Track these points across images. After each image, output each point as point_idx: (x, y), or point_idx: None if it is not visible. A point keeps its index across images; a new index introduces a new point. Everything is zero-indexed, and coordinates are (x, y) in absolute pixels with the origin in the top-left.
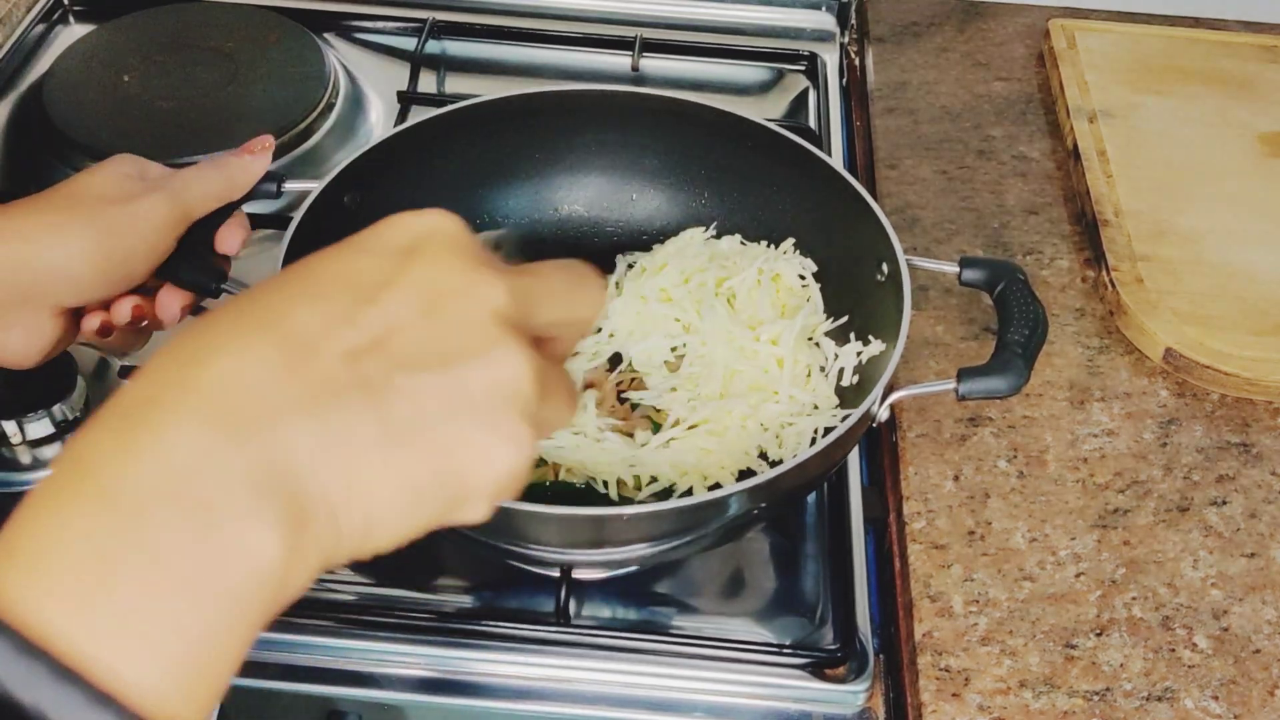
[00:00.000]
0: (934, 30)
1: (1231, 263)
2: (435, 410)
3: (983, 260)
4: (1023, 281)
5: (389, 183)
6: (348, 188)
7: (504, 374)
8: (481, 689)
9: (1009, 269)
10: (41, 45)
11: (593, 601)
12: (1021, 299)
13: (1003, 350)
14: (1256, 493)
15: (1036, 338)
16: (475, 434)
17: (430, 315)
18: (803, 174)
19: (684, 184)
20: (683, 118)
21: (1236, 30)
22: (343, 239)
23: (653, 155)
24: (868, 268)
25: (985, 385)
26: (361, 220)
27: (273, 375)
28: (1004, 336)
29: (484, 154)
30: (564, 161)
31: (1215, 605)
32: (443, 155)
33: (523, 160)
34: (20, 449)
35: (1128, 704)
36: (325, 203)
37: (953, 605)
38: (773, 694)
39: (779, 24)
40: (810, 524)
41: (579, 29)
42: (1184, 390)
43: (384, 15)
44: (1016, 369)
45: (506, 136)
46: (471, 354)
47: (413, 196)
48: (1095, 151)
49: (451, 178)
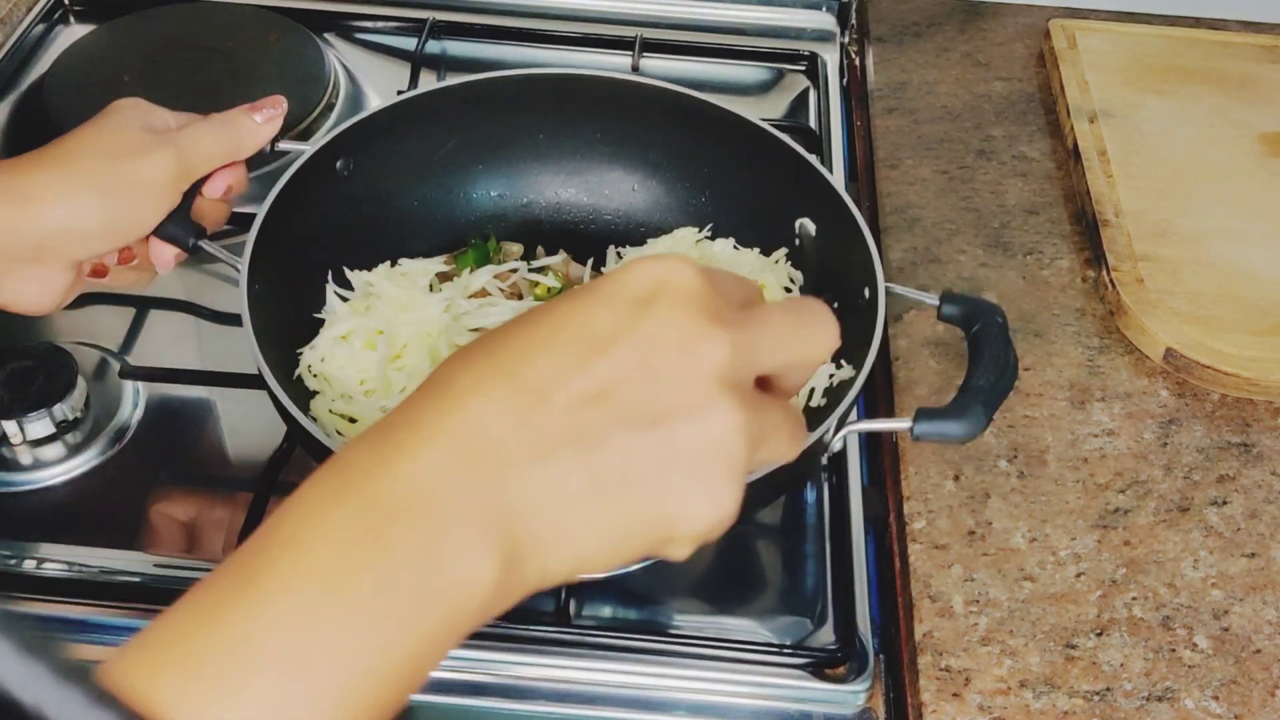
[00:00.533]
0: (934, 30)
1: (1232, 263)
2: (644, 465)
3: (963, 297)
4: (1000, 325)
5: (385, 151)
6: (342, 152)
7: (713, 434)
8: (481, 689)
9: (988, 310)
10: (42, 45)
11: (593, 601)
12: (995, 343)
13: (964, 394)
14: (1257, 493)
15: (1002, 385)
16: (680, 490)
17: (650, 372)
18: (802, 186)
19: (685, 181)
20: (690, 115)
21: (1237, 30)
22: (329, 204)
23: (658, 149)
24: (853, 289)
25: (940, 429)
26: (352, 187)
27: (508, 423)
28: (969, 380)
29: (487, 131)
30: (566, 145)
31: (1216, 605)
32: (444, 128)
33: (525, 140)
34: (20, 449)
35: (1128, 704)
36: (318, 166)
37: (953, 605)
38: (773, 694)
39: (779, 24)
40: (810, 524)
41: (579, 29)
42: (1184, 390)
43: (384, 15)
44: (975, 416)
45: (510, 115)
46: (685, 413)
47: (408, 167)
48: (1096, 151)
49: (451, 151)
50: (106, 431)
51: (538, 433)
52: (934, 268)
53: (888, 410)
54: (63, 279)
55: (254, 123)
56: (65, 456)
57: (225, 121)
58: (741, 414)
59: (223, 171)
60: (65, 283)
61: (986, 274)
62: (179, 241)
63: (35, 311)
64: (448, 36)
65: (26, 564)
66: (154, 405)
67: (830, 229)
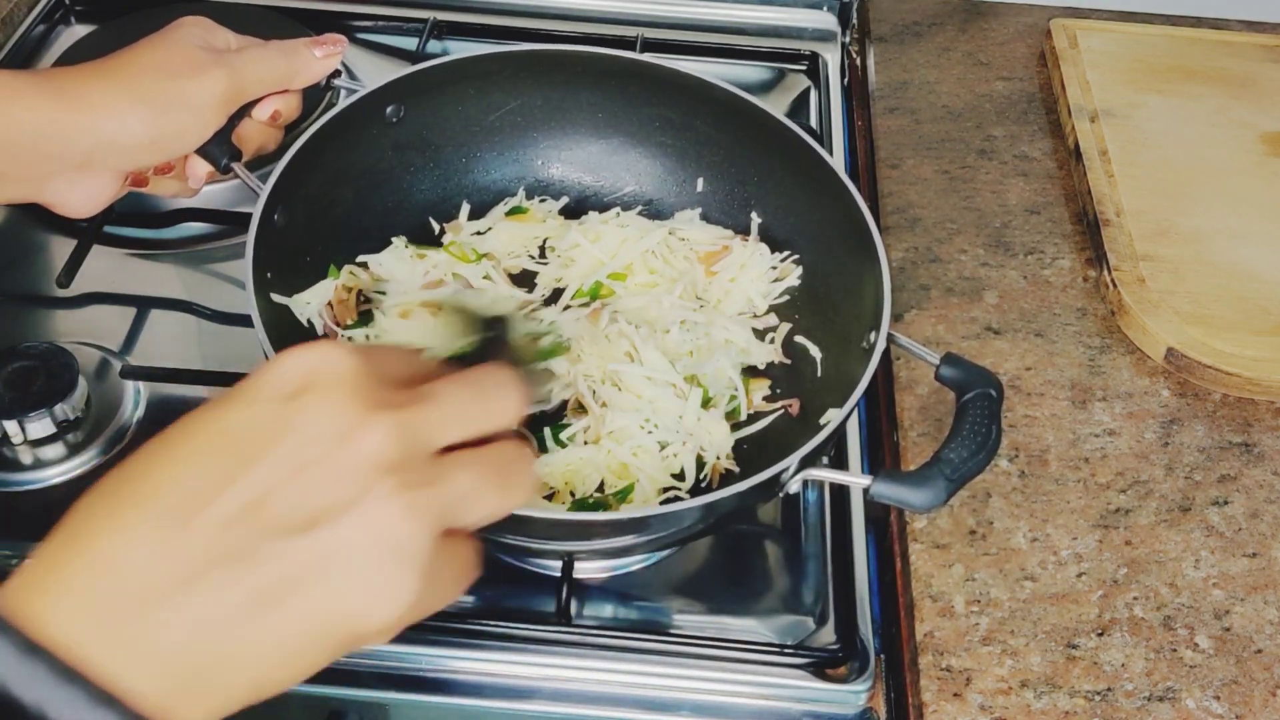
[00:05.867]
0: (935, 30)
1: (1233, 262)
2: (302, 572)
3: (964, 363)
4: (993, 399)
5: (440, 103)
6: (396, 99)
7: (375, 525)
8: (482, 689)
9: (984, 380)
10: (43, 45)
11: (593, 601)
12: (980, 417)
13: (933, 464)
14: (1258, 492)
15: (974, 462)
16: (348, 588)
17: (302, 472)
18: (826, 196)
19: (738, 185)
20: (751, 123)
21: (1238, 30)
22: (373, 146)
23: (714, 148)
24: (856, 326)
25: (899, 494)
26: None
27: (145, 557)
28: (941, 450)
29: (548, 99)
30: (625, 127)
31: (1217, 605)
32: (504, 91)
33: (584, 115)
34: (21, 449)
35: (1129, 704)
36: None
37: (954, 605)
38: (774, 694)
39: (780, 24)
40: (811, 524)
41: (580, 29)
42: (1185, 390)
43: (385, 15)
44: (936, 489)
45: (576, 89)
46: (341, 509)
47: (463, 122)
48: (1097, 151)
49: (509, 113)
50: (107, 431)
51: (179, 560)
52: (935, 267)
53: (889, 422)
54: (107, 186)
55: (312, 55)
56: (66, 456)
57: (283, 49)
58: (405, 496)
59: (273, 97)
60: (109, 190)
61: (987, 273)
62: (214, 160)
63: (77, 214)
64: (449, 36)
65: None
66: (154, 405)
67: (851, 255)
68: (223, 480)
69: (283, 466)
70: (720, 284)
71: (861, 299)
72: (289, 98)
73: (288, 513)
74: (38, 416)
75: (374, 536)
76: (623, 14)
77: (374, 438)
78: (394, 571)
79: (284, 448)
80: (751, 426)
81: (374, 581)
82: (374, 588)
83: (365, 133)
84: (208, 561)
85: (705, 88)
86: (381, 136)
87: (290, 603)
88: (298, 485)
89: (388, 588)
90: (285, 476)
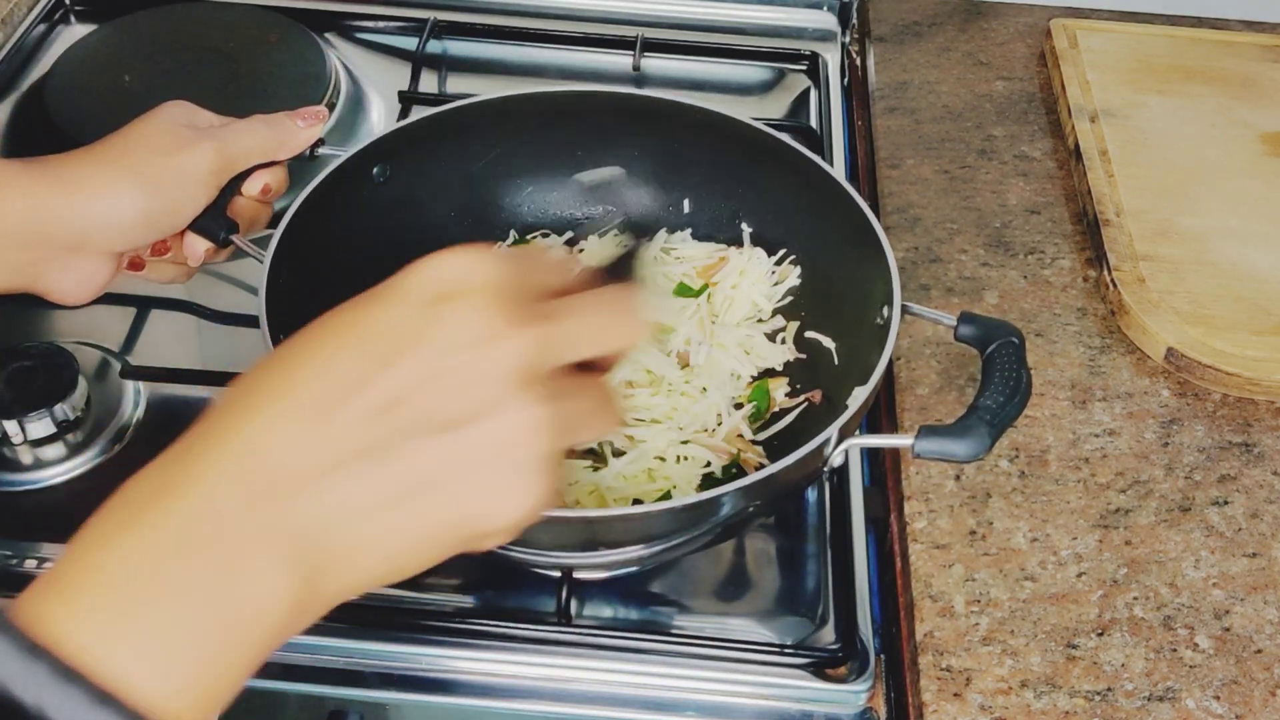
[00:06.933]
0: (935, 30)
1: (1233, 262)
2: (439, 470)
3: (980, 318)
4: (1016, 346)
5: (423, 160)
6: (380, 159)
7: (511, 432)
8: (482, 689)
9: (1005, 330)
10: (43, 45)
11: (593, 601)
12: (1008, 364)
13: (971, 414)
14: (1258, 492)
15: (1011, 408)
16: (481, 489)
17: (441, 377)
18: (837, 209)
19: (721, 200)
20: (732, 138)
21: (1239, 30)
22: (364, 208)
23: (695, 168)
24: (868, 305)
25: (943, 447)
26: (388, 193)
27: (292, 442)
28: (978, 399)
29: (528, 144)
30: (604, 162)
31: (1217, 605)
32: (484, 141)
33: (564, 155)
34: (21, 449)
35: (1129, 704)
36: (355, 170)
37: (954, 605)
38: (774, 694)
39: (780, 24)
40: (811, 524)
41: (580, 29)
42: (1185, 390)
43: (385, 15)
44: (979, 436)
45: (552, 130)
46: (480, 414)
47: (447, 176)
48: (1097, 151)
49: (492, 162)
50: (107, 431)
51: (322, 449)
52: (935, 267)
53: (888, 408)
54: (102, 270)
55: (295, 125)
56: (66, 456)
57: (267, 121)
58: (540, 409)
59: (261, 171)
60: (104, 273)
61: (988, 273)
62: (211, 235)
63: (73, 301)
64: (449, 36)
65: (27, 564)
66: (155, 405)
67: (850, 245)
68: (364, 378)
69: (423, 369)
70: (723, 293)
71: (866, 282)
72: (277, 171)
73: (425, 414)
74: (38, 416)
75: (507, 443)
76: (623, 14)
77: (513, 349)
78: (522, 478)
79: (426, 351)
80: (778, 424)
81: (503, 486)
82: (502, 492)
83: (357, 195)
84: (348, 452)
85: (679, 110)
86: (373, 198)
87: (423, 498)
88: (437, 388)
89: (514, 493)
90: (425, 378)
